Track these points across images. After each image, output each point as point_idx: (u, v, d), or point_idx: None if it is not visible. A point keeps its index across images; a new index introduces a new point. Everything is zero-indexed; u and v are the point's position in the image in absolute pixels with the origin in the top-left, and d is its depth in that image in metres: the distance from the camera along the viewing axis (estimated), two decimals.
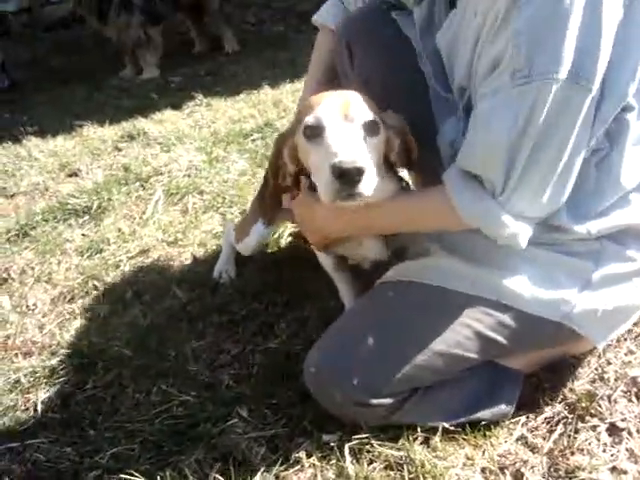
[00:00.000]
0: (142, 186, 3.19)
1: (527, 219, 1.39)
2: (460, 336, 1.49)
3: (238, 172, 3.16)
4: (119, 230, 2.80)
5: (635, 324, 1.79)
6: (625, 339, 1.83)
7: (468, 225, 1.42)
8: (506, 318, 1.50)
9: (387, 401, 1.51)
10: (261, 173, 3.08)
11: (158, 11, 5.57)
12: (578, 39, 1.21)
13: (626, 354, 1.80)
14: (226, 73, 5.20)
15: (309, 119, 1.46)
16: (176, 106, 4.44)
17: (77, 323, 2.23)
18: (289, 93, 4.32)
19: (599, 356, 1.79)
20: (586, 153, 1.37)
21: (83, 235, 2.83)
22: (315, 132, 1.45)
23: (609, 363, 1.78)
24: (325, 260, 1.93)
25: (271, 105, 4.09)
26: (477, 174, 1.39)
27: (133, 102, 4.76)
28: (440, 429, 1.57)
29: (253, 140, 3.56)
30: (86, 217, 2.97)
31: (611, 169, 1.42)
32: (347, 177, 1.34)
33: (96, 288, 2.41)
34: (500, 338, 1.52)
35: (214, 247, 2.56)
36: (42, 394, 1.92)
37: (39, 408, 1.88)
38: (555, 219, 1.45)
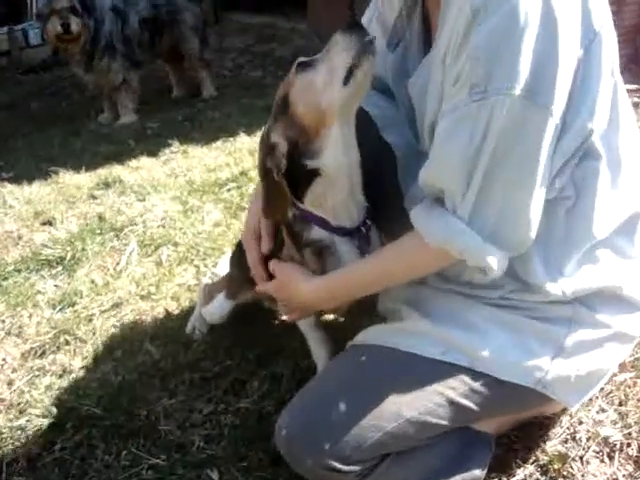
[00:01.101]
0: (116, 236, 3.18)
1: (499, 245, 1.38)
2: (432, 403, 1.50)
3: (213, 223, 3.17)
4: (92, 282, 2.79)
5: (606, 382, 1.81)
6: (597, 397, 1.84)
7: (439, 256, 1.43)
8: (478, 385, 1.51)
9: (358, 467, 1.50)
10: (236, 224, 3.10)
11: (136, 57, 5.62)
12: (534, 59, 1.24)
13: (598, 412, 1.82)
14: (203, 119, 5.24)
15: (297, 62, 1.60)
16: (152, 153, 4.46)
17: (47, 380, 2.20)
18: None
19: (571, 415, 1.80)
20: (551, 193, 1.39)
21: (56, 286, 2.82)
22: (308, 62, 1.58)
23: (581, 422, 1.79)
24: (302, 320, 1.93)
25: (247, 153, 4.12)
26: (438, 189, 1.41)
27: (110, 148, 4.77)
28: None
29: (228, 190, 3.57)
30: (59, 268, 2.95)
31: (581, 217, 1.45)
32: (358, 23, 1.55)
33: (67, 343, 2.39)
34: (472, 405, 1.52)
35: (187, 301, 2.55)
36: (8, 455, 1.89)
37: (4, 470, 1.84)
38: (529, 275, 1.47)
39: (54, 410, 2.03)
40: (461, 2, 1.31)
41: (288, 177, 1.60)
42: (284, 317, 1.85)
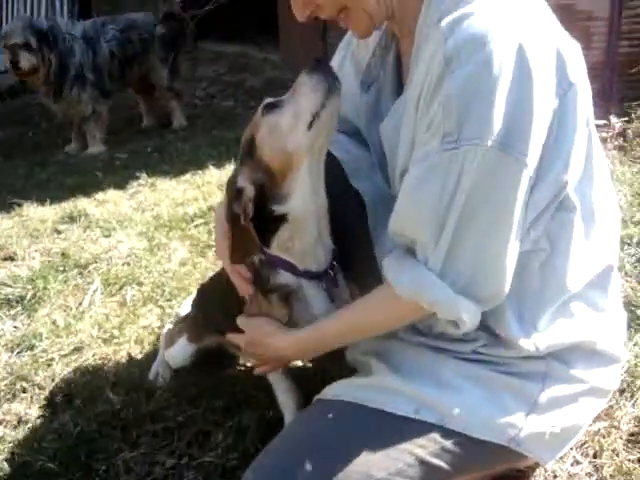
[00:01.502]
0: (80, 274, 3.09)
1: (471, 298, 1.35)
2: (402, 463, 1.43)
3: (179, 261, 3.10)
4: (53, 323, 2.69)
5: None
6: (571, 449, 1.79)
7: (411, 308, 1.40)
8: (450, 443, 1.45)
9: None
10: (203, 263, 3.03)
11: (106, 87, 5.58)
12: (508, 109, 1.21)
13: (572, 464, 1.78)
14: (173, 151, 5.18)
15: (263, 103, 1.58)
16: (120, 186, 4.39)
17: (0, 431, 2.10)
18: None
19: (545, 469, 1.76)
20: (525, 245, 1.37)
21: (14, 328, 2.71)
22: (274, 103, 1.57)
23: (555, 476, 1.75)
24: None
25: (216, 188, 4.06)
26: (409, 239, 1.38)
27: (76, 180, 4.69)
28: None
29: (196, 226, 3.51)
30: (19, 307, 2.85)
31: (555, 270, 1.42)
32: (324, 62, 1.54)
33: (24, 390, 2.29)
34: (443, 464, 1.46)
35: (151, 345, 2.47)
36: None
37: None
38: (502, 329, 1.43)
39: (5, 466, 1.92)
40: (433, 47, 1.29)
41: (255, 221, 1.57)
42: (255, 371, 1.80)
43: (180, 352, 2.21)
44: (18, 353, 2.51)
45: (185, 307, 2.52)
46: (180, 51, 6.04)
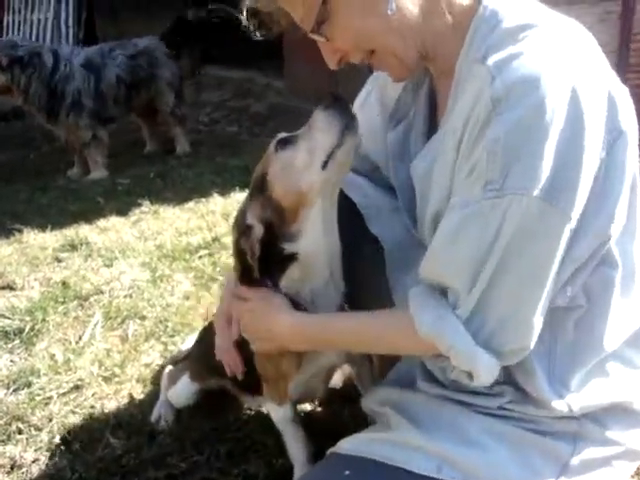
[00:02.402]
0: (80, 305, 3.00)
1: (492, 352, 1.27)
2: None
3: (182, 295, 3.01)
4: (52, 358, 2.60)
5: None
6: None
7: (425, 345, 1.32)
8: None
9: None
10: (207, 297, 2.95)
11: (110, 112, 5.55)
12: (556, 159, 1.14)
13: None
14: (176, 177, 5.11)
15: (277, 139, 1.55)
16: (122, 212, 4.32)
17: None
18: (239, 204, 4.22)
19: None
20: (561, 301, 1.30)
21: (11, 362, 2.62)
22: (288, 139, 1.52)
23: None
24: (278, 413, 1.79)
25: (220, 217, 3.99)
26: (440, 284, 1.31)
27: (78, 206, 4.62)
28: None
29: (200, 257, 3.43)
30: (17, 341, 2.75)
31: (592, 329, 1.35)
32: (341, 99, 1.47)
33: (20, 431, 2.18)
34: None
35: (153, 384, 2.38)
36: None
37: None
38: (531, 387, 1.35)
39: None
40: (478, 86, 1.21)
41: (264, 259, 1.52)
42: (252, 347, 1.67)
43: (183, 391, 2.15)
44: (14, 390, 2.41)
45: (188, 345, 2.43)
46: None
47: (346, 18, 1.32)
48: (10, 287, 3.30)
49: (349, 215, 1.68)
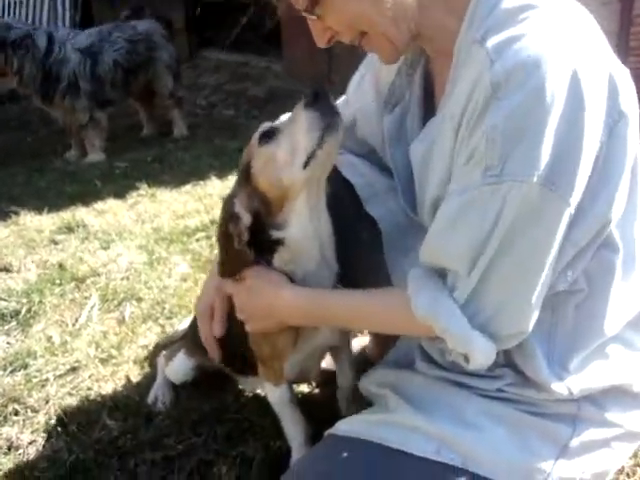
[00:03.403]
0: (77, 287, 2.99)
1: (489, 335, 1.27)
2: None
3: (180, 277, 2.99)
4: (48, 340, 2.59)
5: None
6: None
7: (422, 325, 1.32)
8: None
9: None
10: (204, 279, 2.92)
11: (108, 95, 5.51)
12: (556, 144, 1.14)
13: None
14: (173, 160, 5.08)
15: (261, 129, 1.54)
16: (119, 195, 4.29)
17: None
18: None
19: None
20: (562, 285, 1.30)
21: (8, 344, 2.60)
22: (271, 131, 1.51)
23: None
24: (275, 393, 1.78)
25: (217, 200, 3.96)
26: (439, 267, 1.31)
27: (75, 188, 4.59)
28: None
29: (197, 240, 3.41)
30: (13, 322, 2.74)
31: (592, 313, 1.35)
32: (323, 96, 1.43)
33: (17, 413, 2.17)
34: None
35: (151, 366, 2.36)
36: None
37: None
38: (531, 370, 1.35)
39: None
40: (477, 69, 1.20)
41: (253, 242, 1.54)
42: (247, 326, 1.67)
43: (180, 366, 2.15)
44: (11, 372, 2.40)
45: (184, 326, 2.43)
46: None
47: (341, 0, 1.31)
48: (7, 269, 3.28)
49: (346, 196, 1.68)
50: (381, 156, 1.73)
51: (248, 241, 1.53)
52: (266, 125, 1.56)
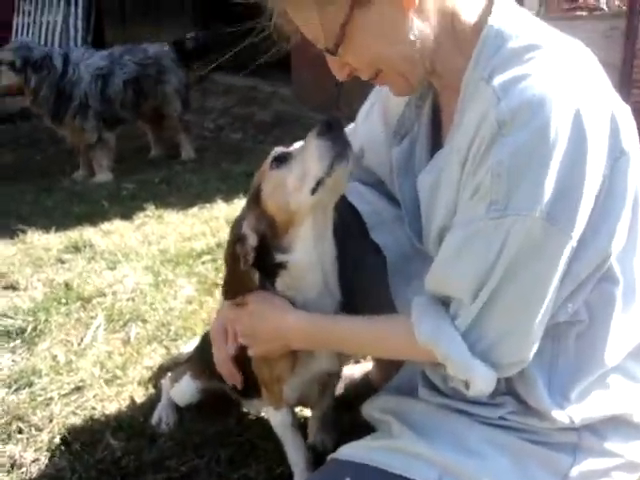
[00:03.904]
0: (83, 307, 3.01)
1: (490, 363, 1.29)
2: None
3: (185, 299, 3.01)
4: (54, 359, 2.60)
5: None
6: None
7: (424, 351, 1.34)
8: None
9: None
10: (210, 302, 2.95)
11: (117, 116, 5.58)
12: (559, 180, 1.17)
13: None
14: (181, 182, 5.13)
15: (273, 154, 1.58)
16: (126, 216, 4.33)
17: None
18: None
19: None
20: (562, 317, 1.32)
21: (13, 362, 2.62)
22: (283, 156, 1.56)
23: None
24: (276, 417, 1.80)
25: (224, 223, 3.99)
26: (443, 295, 1.35)
27: (82, 208, 4.63)
28: None
29: (203, 262, 3.44)
30: (18, 340, 2.76)
31: (593, 343, 1.37)
32: (336, 126, 1.47)
33: (20, 431, 2.18)
34: None
35: (155, 387, 2.38)
36: None
37: None
38: (532, 399, 1.37)
39: None
40: (484, 106, 1.24)
41: (258, 263, 1.58)
42: (250, 351, 1.69)
43: (187, 388, 2.16)
44: (16, 390, 2.41)
45: (189, 348, 2.44)
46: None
47: (364, 42, 1.35)
48: (13, 287, 3.31)
49: (352, 223, 1.70)
50: (387, 185, 1.76)
51: (253, 263, 1.57)
52: (279, 150, 1.60)
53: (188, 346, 2.53)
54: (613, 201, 1.27)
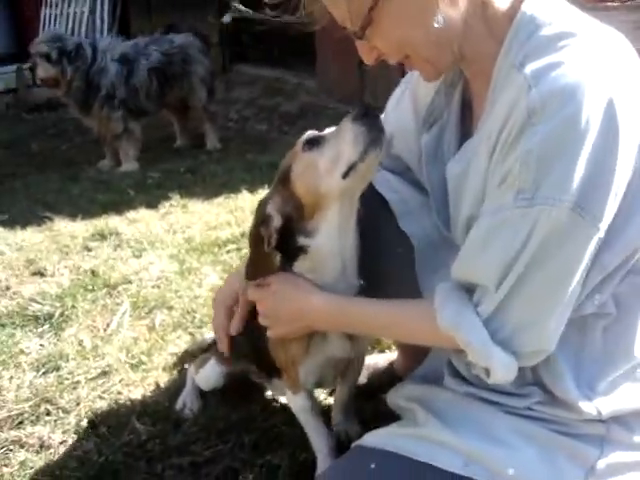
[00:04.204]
0: (109, 294, 3.04)
1: (511, 352, 1.29)
2: None
3: (210, 287, 3.02)
4: (80, 344, 2.64)
5: None
6: None
7: (446, 337, 1.34)
8: None
9: None
10: None
11: (142, 106, 5.61)
12: (588, 170, 1.16)
13: None
14: (206, 172, 5.15)
15: (306, 136, 1.59)
16: (152, 205, 4.36)
17: (22, 455, 2.03)
18: None
19: None
20: (589, 309, 1.31)
21: (41, 346, 2.66)
22: (316, 139, 1.56)
23: None
24: (298, 402, 1.81)
25: (249, 213, 3.99)
26: (469, 282, 1.34)
27: (108, 197, 4.67)
28: None
29: (228, 251, 3.45)
30: (46, 325, 2.80)
31: (621, 336, 1.36)
32: (372, 112, 1.50)
33: (48, 413, 2.22)
34: None
35: (180, 373, 2.40)
36: None
37: None
38: (559, 390, 1.36)
39: None
40: (514, 94, 1.23)
41: (280, 245, 1.58)
42: (269, 332, 1.70)
43: (212, 373, 2.17)
44: (44, 373, 2.45)
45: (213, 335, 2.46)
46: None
47: (390, 26, 1.34)
48: (41, 273, 3.35)
49: (380, 211, 1.70)
50: (415, 174, 1.75)
51: (276, 245, 1.57)
52: (312, 133, 1.61)
53: (212, 333, 2.55)
54: None
